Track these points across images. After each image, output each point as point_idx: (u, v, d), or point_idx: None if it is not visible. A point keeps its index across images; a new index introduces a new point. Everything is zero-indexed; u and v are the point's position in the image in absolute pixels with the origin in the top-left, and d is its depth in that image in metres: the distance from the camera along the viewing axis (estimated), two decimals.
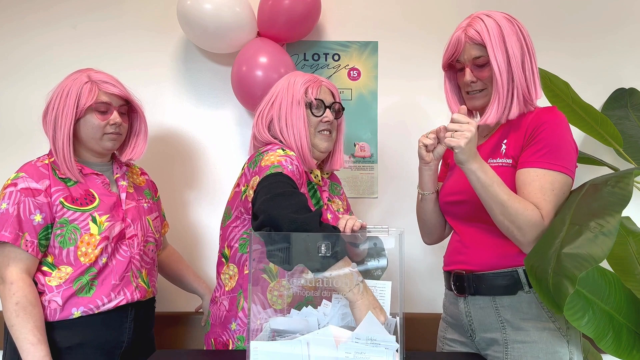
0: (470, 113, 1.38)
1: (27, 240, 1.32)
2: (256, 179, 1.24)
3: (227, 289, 1.39)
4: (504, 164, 1.28)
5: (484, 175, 1.17)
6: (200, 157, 2.06)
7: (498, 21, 1.26)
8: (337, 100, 1.47)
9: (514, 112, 1.27)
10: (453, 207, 1.38)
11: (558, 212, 1.21)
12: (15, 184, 1.35)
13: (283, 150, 1.33)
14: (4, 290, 1.30)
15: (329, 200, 1.47)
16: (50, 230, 1.36)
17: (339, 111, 1.47)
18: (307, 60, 2.08)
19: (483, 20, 1.26)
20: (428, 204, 1.41)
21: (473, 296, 1.32)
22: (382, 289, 1.10)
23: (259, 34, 1.96)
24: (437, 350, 1.48)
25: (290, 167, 1.26)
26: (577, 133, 2.00)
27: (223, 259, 1.43)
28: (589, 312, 1.22)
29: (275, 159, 1.27)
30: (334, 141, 1.47)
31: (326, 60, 2.08)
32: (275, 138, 1.42)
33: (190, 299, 1.90)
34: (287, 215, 1.07)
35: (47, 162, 1.41)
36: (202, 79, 2.08)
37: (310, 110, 1.40)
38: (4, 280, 1.31)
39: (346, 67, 2.08)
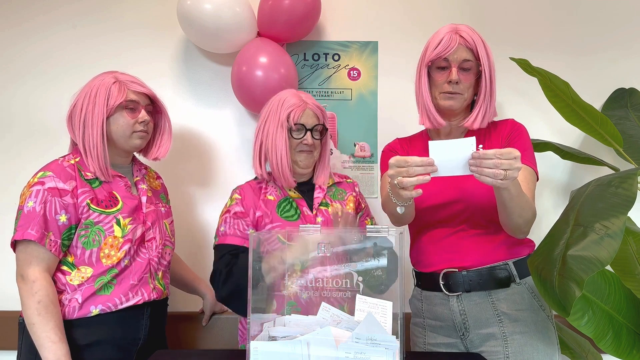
0: (443, 113, 1.40)
1: (51, 240, 1.33)
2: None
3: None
4: None
5: (516, 189, 1.16)
6: (199, 157, 2.06)
7: (480, 37, 1.35)
8: (320, 121, 1.54)
9: (489, 119, 1.38)
10: (441, 209, 1.37)
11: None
12: (42, 183, 1.34)
13: (230, 200, 1.52)
14: (26, 288, 1.30)
15: (322, 205, 1.54)
16: (73, 231, 1.36)
17: (321, 132, 1.54)
18: (307, 60, 2.08)
19: (470, 31, 1.35)
20: (409, 209, 1.33)
21: (468, 293, 1.33)
22: (383, 308, 1.09)
23: (259, 34, 1.96)
24: None
25: (222, 228, 1.47)
26: (577, 133, 2.01)
27: None
28: (589, 312, 1.22)
29: (220, 219, 1.50)
30: (315, 159, 1.55)
31: (326, 60, 2.08)
32: (265, 155, 1.52)
33: (195, 299, 1.90)
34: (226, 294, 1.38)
35: (72, 162, 1.41)
36: (202, 79, 2.08)
37: (291, 133, 1.48)
38: (25, 279, 1.31)
39: (346, 67, 2.08)
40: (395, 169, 1.12)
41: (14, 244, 1.35)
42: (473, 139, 1.09)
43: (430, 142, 1.10)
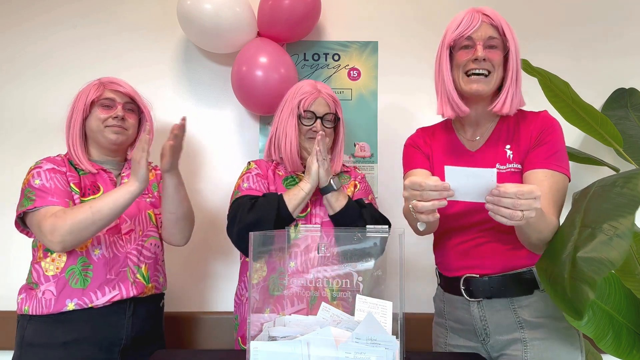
0: (467, 100, 1.29)
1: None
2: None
3: (254, 282, 1.47)
4: (514, 170, 1.26)
5: (536, 219, 1.07)
6: (199, 157, 2.06)
7: (503, 17, 1.26)
8: (332, 111, 1.55)
9: (517, 105, 1.27)
10: (466, 216, 1.31)
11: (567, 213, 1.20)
12: (40, 167, 1.41)
13: (248, 165, 1.59)
14: (58, 224, 1.29)
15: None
16: None
17: (333, 121, 1.56)
18: (307, 60, 2.08)
19: (493, 10, 1.26)
20: (434, 223, 1.29)
21: (489, 299, 1.28)
22: (383, 308, 1.08)
23: (259, 34, 1.96)
24: None
25: (245, 184, 1.51)
26: (577, 133, 2.01)
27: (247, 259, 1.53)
28: (589, 312, 1.22)
29: (237, 182, 1.56)
30: (327, 147, 1.53)
31: (326, 60, 2.08)
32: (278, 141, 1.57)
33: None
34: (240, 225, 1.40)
35: (62, 157, 1.50)
36: (202, 79, 2.08)
37: (301, 120, 1.53)
38: (52, 228, 1.30)
39: (346, 67, 2.08)
40: (410, 192, 1.05)
41: (19, 221, 1.39)
42: (494, 171, 1.01)
43: (446, 168, 1.02)
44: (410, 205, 1.06)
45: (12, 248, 1.95)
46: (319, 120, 1.52)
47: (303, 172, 1.57)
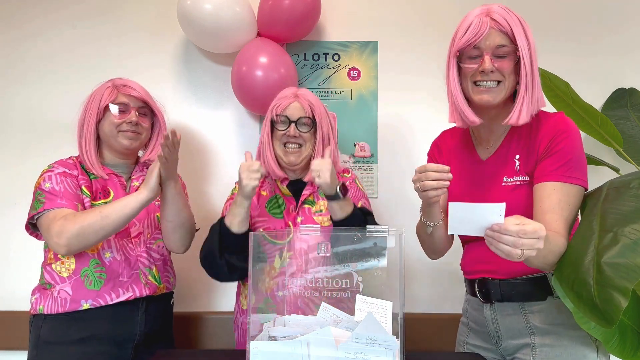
0: (478, 109, 1.24)
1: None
2: None
3: (245, 308, 1.52)
4: (521, 182, 1.23)
5: (542, 250, 1.01)
6: (199, 157, 2.06)
7: (516, 15, 1.19)
8: (308, 114, 1.48)
9: (533, 111, 1.20)
10: None
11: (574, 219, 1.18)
12: (52, 170, 1.42)
13: (235, 187, 1.58)
14: (66, 227, 1.29)
15: (306, 203, 1.52)
16: None
17: (310, 125, 1.49)
18: (307, 60, 2.08)
19: (503, 11, 1.18)
20: (439, 231, 1.30)
21: (500, 303, 1.28)
22: (383, 308, 1.08)
23: (259, 34, 1.96)
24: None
25: (224, 206, 1.56)
26: None
27: (240, 281, 1.56)
28: None
29: (226, 204, 1.58)
30: (303, 155, 1.50)
31: (326, 60, 2.08)
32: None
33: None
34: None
35: (74, 159, 1.50)
36: (202, 79, 2.08)
37: (275, 125, 1.50)
38: (60, 229, 1.30)
39: (346, 67, 2.08)
40: (417, 175, 1.17)
41: (29, 225, 1.40)
42: (502, 207, 0.96)
43: (450, 204, 1.01)
44: (417, 185, 1.16)
45: (12, 248, 1.95)
46: (292, 125, 1.46)
47: (282, 180, 1.54)
